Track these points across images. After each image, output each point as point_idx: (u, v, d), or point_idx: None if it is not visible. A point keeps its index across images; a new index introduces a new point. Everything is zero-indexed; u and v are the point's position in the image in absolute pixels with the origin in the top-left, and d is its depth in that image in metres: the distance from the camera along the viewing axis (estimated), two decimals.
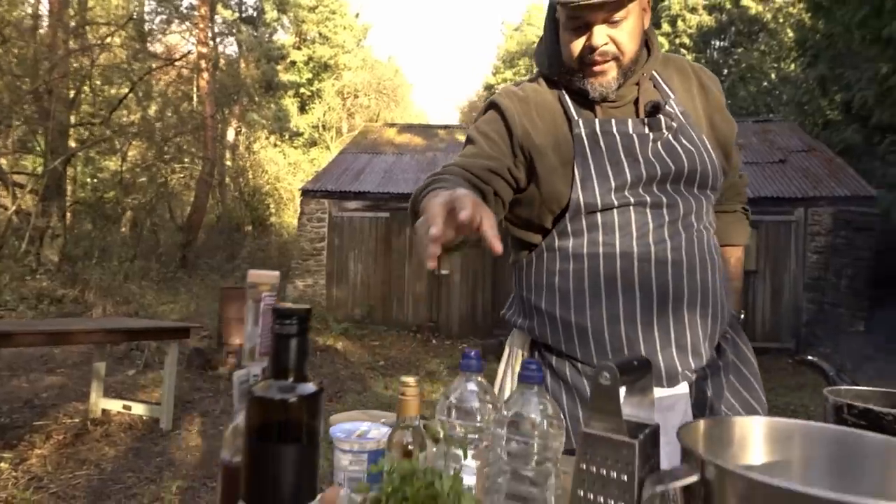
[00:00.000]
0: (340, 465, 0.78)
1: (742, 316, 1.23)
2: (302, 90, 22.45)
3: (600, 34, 0.96)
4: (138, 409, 3.92)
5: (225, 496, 0.53)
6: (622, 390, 0.55)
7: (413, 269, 8.64)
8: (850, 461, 0.54)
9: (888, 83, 7.97)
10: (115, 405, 3.94)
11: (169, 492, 2.78)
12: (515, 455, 0.67)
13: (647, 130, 1.01)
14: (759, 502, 0.42)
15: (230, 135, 18.43)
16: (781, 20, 19.52)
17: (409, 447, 0.72)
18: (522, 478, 0.66)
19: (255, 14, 18.93)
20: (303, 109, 23.06)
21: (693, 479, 0.46)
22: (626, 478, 0.49)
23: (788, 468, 0.55)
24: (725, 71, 20.76)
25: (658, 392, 0.91)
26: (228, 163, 17.67)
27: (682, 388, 0.98)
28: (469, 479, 0.68)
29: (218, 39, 16.46)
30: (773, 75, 19.28)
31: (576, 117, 1.01)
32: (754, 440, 0.56)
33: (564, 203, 1.00)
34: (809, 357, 1.01)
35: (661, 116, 1.01)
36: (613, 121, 1.00)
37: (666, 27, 22.45)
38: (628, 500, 0.49)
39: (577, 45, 0.98)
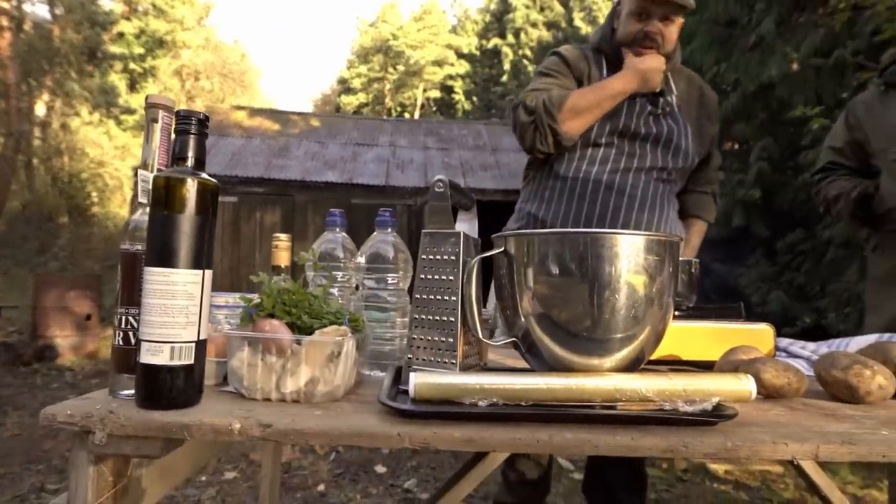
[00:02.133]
0: (216, 319, 0.87)
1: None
2: (132, 66, 20.21)
3: (655, 25, 1.36)
4: None
5: (125, 279, 0.61)
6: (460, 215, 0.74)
7: (264, 255, 8.34)
8: None
9: None
10: None
11: None
12: (376, 281, 0.82)
13: (647, 104, 1.41)
14: (536, 246, 0.63)
15: (40, 109, 15.95)
16: None
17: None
18: (381, 298, 0.82)
19: None
20: (133, 87, 20.76)
21: (498, 251, 0.66)
22: (454, 258, 0.68)
23: None
24: None
25: None
26: (38, 141, 15.30)
27: None
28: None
29: None
30: None
31: (606, 75, 1.41)
32: None
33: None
34: None
35: (661, 99, 1.41)
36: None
37: (510, 38, 24.19)
38: (456, 274, 0.67)
39: (635, 27, 1.37)
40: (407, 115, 26.93)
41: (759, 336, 0.95)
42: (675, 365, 0.96)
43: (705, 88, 1.57)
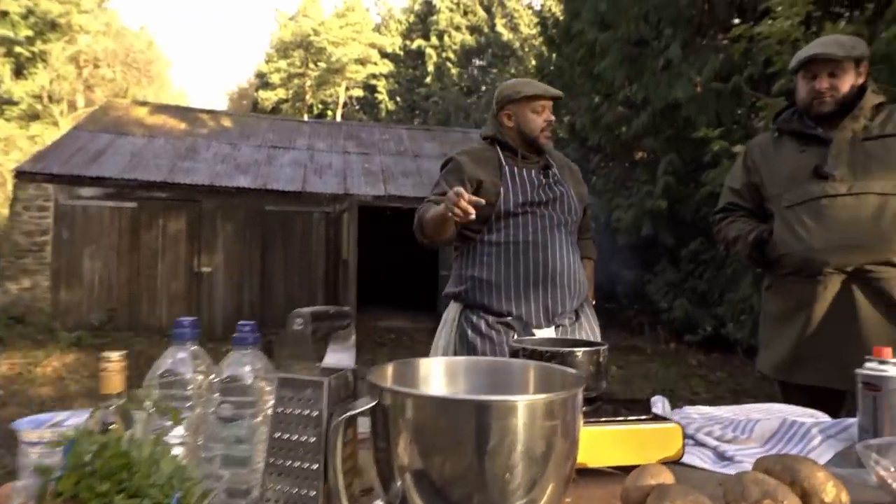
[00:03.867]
0: (28, 461, 0.69)
1: (594, 302, 1.94)
2: (18, 50, 18.25)
3: (550, 114, 1.78)
4: None
5: None
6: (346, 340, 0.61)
7: (167, 265, 7.75)
8: (503, 382, 0.68)
9: (598, 112, 9.88)
10: None
11: None
12: (229, 417, 0.68)
13: (542, 177, 1.76)
14: (415, 412, 0.52)
15: None
16: (527, 49, 22.62)
17: (111, 427, 0.67)
18: (238, 437, 0.67)
19: None
20: (19, 73, 18.77)
21: (370, 404, 0.54)
22: (316, 413, 0.55)
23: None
24: (483, 87, 23.21)
25: (537, 332, 1.62)
26: None
27: (551, 330, 1.67)
28: (178, 449, 0.67)
29: None
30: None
31: (504, 164, 1.75)
32: (434, 377, 0.67)
33: (493, 213, 1.68)
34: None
35: (550, 171, 1.79)
36: (524, 168, 1.76)
37: (434, 40, 24.19)
38: (318, 434, 0.54)
39: (541, 121, 1.75)
40: (329, 114, 26.26)
41: (667, 435, 0.89)
42: (582, 471, 0.89)
43: (570, 164, 1.95)
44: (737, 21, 6.67)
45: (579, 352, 0.87)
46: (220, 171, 8.35)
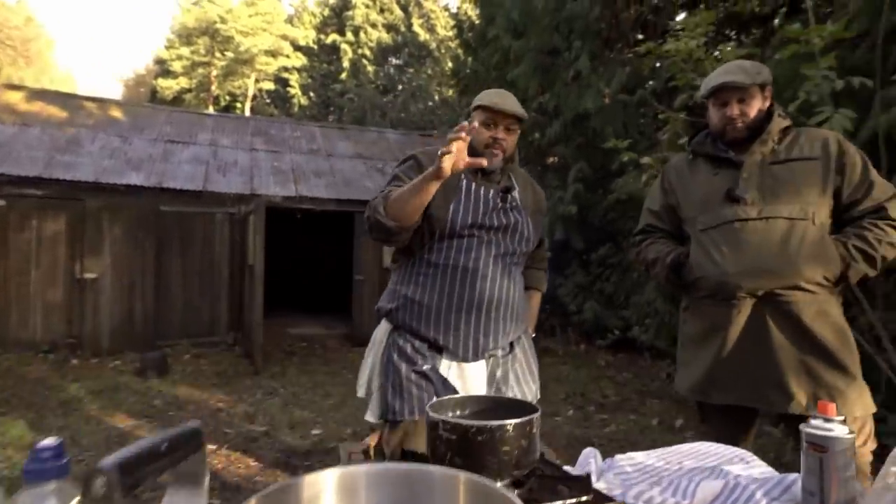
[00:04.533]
0: None
1: (534, 335, 1.83)
2: None
3: (502, 132, 1.63)
4: None
5: None
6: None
7: (43, 271, 6.88)
8: (418, 497, 0.53)
9: None
10: None
11: None
12: None
13: (498, 200, 1.63)
14: None
15: None
16: (443, 51, 22.67)
17: None
18: None
19: None
20: None
21: None
22: None
23: None
24: (400, 87, 22.98)
25: (464, 365, 1.54)
26: None
27: (481, 364, 1.56)
28: None
29: None
30: (436, 97, 22.21)
31: (463, 177, 1.61)
32: (325, 497, 0.50)
33: (438, 228, 1.57)
34: None
35: (509, 195, 1.65)
36: (483, 187, 1.63)
37: (350, 36, 23.63)
38: None
39: (486, 136, 1.62)
40: (238, 106, 24.92)
41: None
42: None
43: (535, 186, 1.81)
44: (640, 37, 6.99)
45: (510, 425, 0.74)
46: (108, 166, 7.55)
